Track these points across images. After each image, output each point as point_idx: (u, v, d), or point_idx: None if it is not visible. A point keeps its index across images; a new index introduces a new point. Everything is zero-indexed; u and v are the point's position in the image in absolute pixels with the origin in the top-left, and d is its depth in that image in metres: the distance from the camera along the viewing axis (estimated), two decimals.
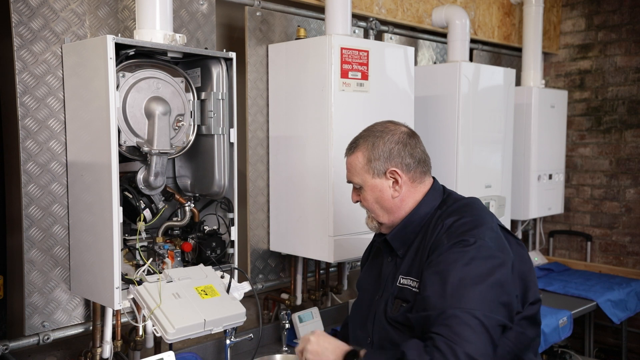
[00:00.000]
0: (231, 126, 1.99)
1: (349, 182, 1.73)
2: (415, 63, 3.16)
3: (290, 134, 2.48)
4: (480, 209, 1.62)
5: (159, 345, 2.13)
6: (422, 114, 2.91)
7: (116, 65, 1.68)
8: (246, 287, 1.91)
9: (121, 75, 1.76)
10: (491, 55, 3.86)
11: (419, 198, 1.66)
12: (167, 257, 1.87)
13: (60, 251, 1.93)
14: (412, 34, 3.34)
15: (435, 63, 3.52)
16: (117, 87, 1.73)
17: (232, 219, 2.02)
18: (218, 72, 1.97)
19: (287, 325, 2.49)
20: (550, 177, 3.84)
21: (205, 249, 1.95)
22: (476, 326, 1.34)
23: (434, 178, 1.72)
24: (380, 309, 1.63)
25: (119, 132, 1.75)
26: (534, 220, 4.21)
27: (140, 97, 1.82)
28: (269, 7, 2.59)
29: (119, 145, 1.74)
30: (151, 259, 1.82)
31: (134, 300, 1.72)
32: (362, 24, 2.95)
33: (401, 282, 1.60)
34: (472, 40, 3.44)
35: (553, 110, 3.83)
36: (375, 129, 1.68)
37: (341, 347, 1.52)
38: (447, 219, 1.57)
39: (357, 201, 1.73)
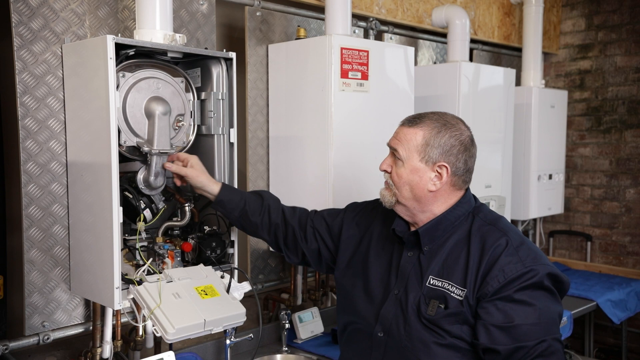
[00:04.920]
0: (231, 126, 1.99)
1: (390, 147, 1.65)
2: (415, 63, 3.16)
3: (290, 134, 2.48)
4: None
5: (159, 345, 2.13)
6: None
7: (116, 65, 1.68)
8: (246, 287, 1.91)
9: (121, 75, 1.76)
10: (491, 55, 3.86)
11: (452, 202, 1.63)
12: (167, 257, 1.87)
13: (60, 251, 1.93)
14: (412, 34, 3.34)
15: (435, 63, 3.52)
16: (117, 87, 1.73)
17: None
18: (218, 72, 1.97)
19: (287, 325, 2.49)
20: (550, 177, 3.84)
21: (205, 249, 1.95)
22: (561, 350, 1.51)
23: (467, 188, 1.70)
24: (408, 306, 1.59)
25: (119, 132, 1.75)
26: (534, 220, 4.21)
27: (140, 97, 1.82)
28: (269, 7, 2.59)
29: (119, 145, 1.74)
30: (151, 259, 1.82)
31: (134, 300, 1.72)
32: (362, 24, 2.95)
33: (432, 283, 1.58)
34: (472, 40, 3.44)
35: (553, 110, 3.83)
36: (447, 118, 1.62)
37: None
38: (502, 237, 1.56)
39: (385, 170, 1.66)
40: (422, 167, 1.58)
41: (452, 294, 1.54)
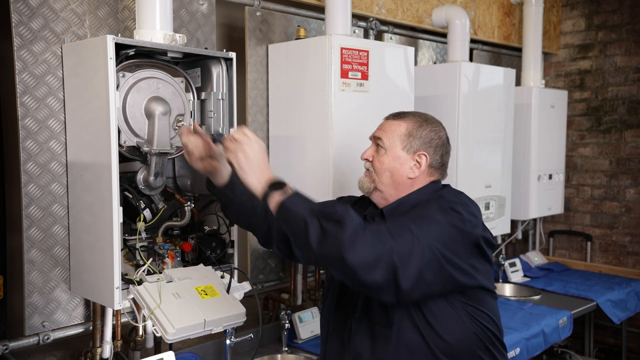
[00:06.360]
0: (231, 126, 1.99)
1: (375, 138, 1.74)
2: (415, 63, 3.16)
3: (290, 134, 2.48)
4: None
5: (159, 345, 2.13)
6: None
7: (116, 65, 1.68)
8: (246, 287, 1.91)
9: (121, 75, 1.76)
10: (491, 55, 3.86)
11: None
12: (167, 257, 1.87)
13: (60, 251, 1.93)
14: (412, 34, 3.34)
15: (435, 63, 3.52)
16: (117, 87, 1.73)
17: None
18: (218, 72, 1.97)
19: (287, 325, 2.49)
20: (550, 177, 3.84)
21: (205, 249, 1.95)
22: (416, 242, 1.43)
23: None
24: None
25: (119, 132, 1.75)
26: (534, 220, 4.21)
27: (140, 97, 1.82)
28: (269, 7, 2.59)
29: (119, 145, 1.74)
30: (151, 259, 1.82)
31: (134, 300, 1.72)
32: (362, 24, 2.95)
33: None
34: (472, 40, 3.44)
35: (553, 110, 3.83)
36: (428, 116, 1.76)
37: (269, 172, 1.58)
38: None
39: (366, 160, 1.74)
40: (404, 155, 1.69)
41: None
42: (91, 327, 1.98)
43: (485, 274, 1.62)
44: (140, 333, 1.89)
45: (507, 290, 3.68)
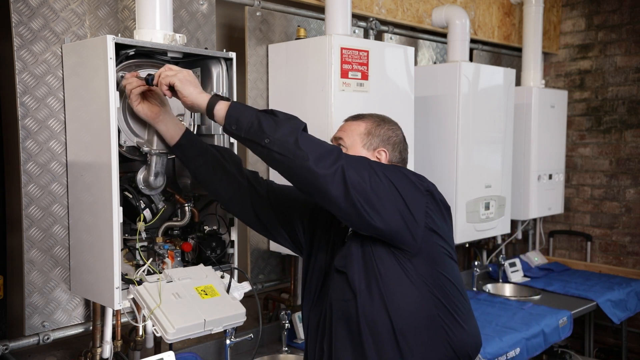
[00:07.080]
0: None
1: (336, 139, 1.81)
2: (415, 63, 3.16)
3: None
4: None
5: (159, 345, 2.13)
6: (422, 114, 2.91)
7: (116, 65, 1.68)
8: (246, 287, 1.91)
9: (121, 75, 1.76)
10: (491, 55, 3.86)
11: None
12: (167, 257, 1.87)
13: (60, 251, 1.93)
14: (412, 34, 3.34)
15: (435, 63, 3.52)
16: (117, 87, 1.73)
17: (232, 219, 2.02)
18: (218, 72, 1.97)
19: (287, 325, 2.49)
20: (550, 177, 3.84)
21: (205, 249, 1.95)
22: (366, 164, 1.55)
23: None
24: (332, 269, 1.72)
25: (119, 132, 1.75)
26: (534, 220, 4.21)
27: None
28: (269, 7, 2.59)
29: (119, 145, 1.74)
30: (151, 259, 1.82)
31: (134, 300, 1.72)
32: (362, 24, 2.95)
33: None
34: (472, 40, 3.44)
35: (553, 110, 3.84)
36: (386, 117, 1.84)
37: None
38: None
39: None
40: (364, 153, 1.76)
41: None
42: (91, 327, 1.98)
43: (441, 230, 1.65)
44: (140, 333, 1.89)
45: (507, 290, 3.68)
